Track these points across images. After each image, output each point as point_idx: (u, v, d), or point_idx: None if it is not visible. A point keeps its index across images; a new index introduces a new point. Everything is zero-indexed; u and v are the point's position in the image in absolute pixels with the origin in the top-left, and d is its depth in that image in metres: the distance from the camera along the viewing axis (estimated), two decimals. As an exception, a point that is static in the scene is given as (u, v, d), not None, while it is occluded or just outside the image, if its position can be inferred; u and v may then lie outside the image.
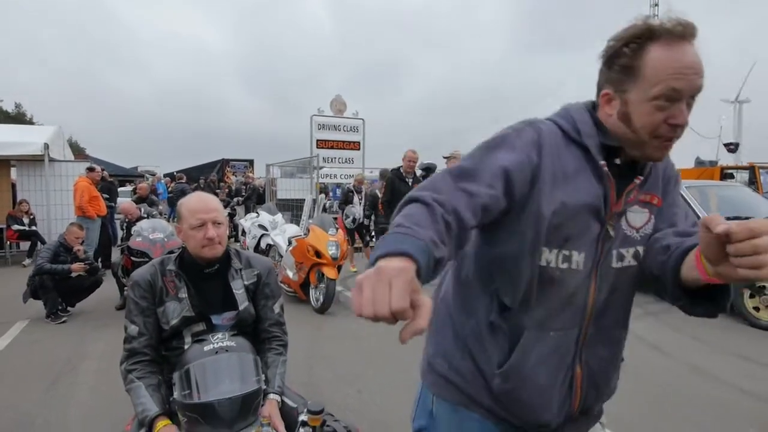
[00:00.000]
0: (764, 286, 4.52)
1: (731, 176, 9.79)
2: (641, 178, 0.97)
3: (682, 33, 0.85)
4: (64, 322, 4.78)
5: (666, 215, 1.02)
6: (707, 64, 0.87)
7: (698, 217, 6.08)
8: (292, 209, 9.09)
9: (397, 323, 0.63)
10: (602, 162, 0.94)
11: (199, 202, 1.60)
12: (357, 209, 7.56)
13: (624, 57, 0.89)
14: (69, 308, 5.07)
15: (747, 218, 4.59)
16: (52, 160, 8.23)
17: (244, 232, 8.17)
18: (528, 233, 0.92)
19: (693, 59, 0.85)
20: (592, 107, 1.00)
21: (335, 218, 7.03)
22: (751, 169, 9.67)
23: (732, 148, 15.04)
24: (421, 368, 1.16)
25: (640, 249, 0.99)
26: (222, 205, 1.76)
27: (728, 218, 0.75)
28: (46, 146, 7.85)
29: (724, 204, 5.57)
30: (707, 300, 0.87)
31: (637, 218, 0.99)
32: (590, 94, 1.03)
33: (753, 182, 9.35)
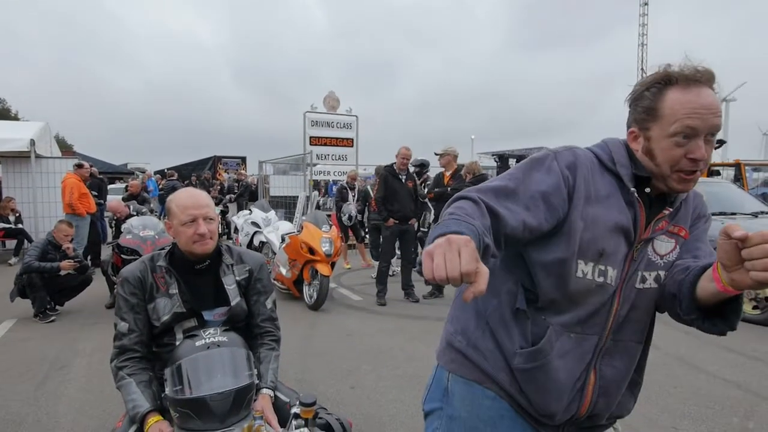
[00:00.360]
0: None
1: (718, 173, 9.93)
2: (670, 209, 1.05)
3: (699, 78, 0.94)
4: (53, 321, 4.72)
5: (690, 248, 1.09)
6: (702, 62, 0.95)
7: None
8: (285, 206, 9.06)
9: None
10: (632, 189, 1.02)
11: (190, 198, 1.59)
12: (353, 207, 7.57)
13: (646, 99, 1.00)
14: (58, 307, 5.01)
15: (732, 214, 4.66)
16: (38, 156, 8.11)
17: (236, 230, 8.13)
18: (561, 246, 1.00)
19: (708, 101, 0.94)
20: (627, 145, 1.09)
21: (329, 215, 7.02)
22: (737, 166, 9.82)
23: (717, 146, 15.27)
24: (438, 350, 1.19)
25: (662, 273, 1.07)
26: (213, 201, 1.75)
27: (714, 214, 0.79)
28: (33, 142, 7.73)
29: (711, 200, 5.64)
30: (718, 316, 0.96)
31: (663, 246, 1.07)
32: (584, 92, 1.07)
33: (738, 179, 9.49)
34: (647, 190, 1.04)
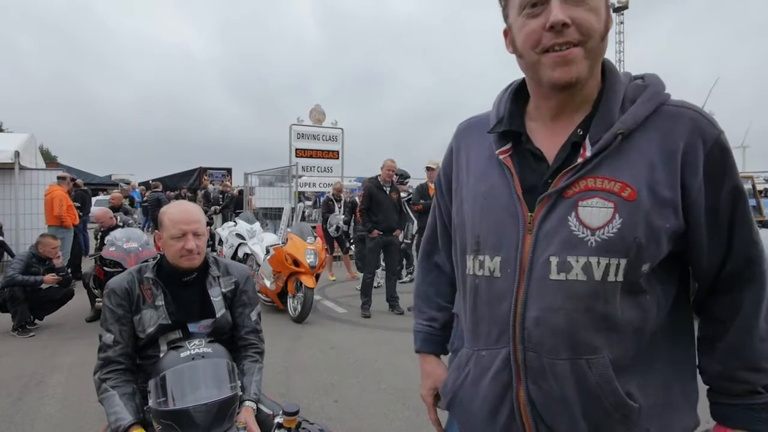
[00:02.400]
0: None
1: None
2: (587, 154, 0.76)
3: None
4: (32, 336, 4.63)
5: (664, 221, 0.73)
6: (682, 82, 0.91)
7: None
8: (271, 218, 9.05)
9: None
10: (498, 150, 0.85)
11: (181, 213, 1.61)
12: (340, 218, 7.60)
13: None
14: (37, 321, 4.91)
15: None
16: (22, 168, 7.99)
17: (221, 242, 8.08)
18: (455, 244, 0.96)
19: None
20: (522, 83, 0.93)
21: (314, 227, 7.03)
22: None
23: None
24: None
25: (596, 261, 0.73)
26: (204, 215, 1.78)
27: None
28: (17, 154, 7.62)
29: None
30: None
31: (594, 215, 0.73)
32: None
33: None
34: (528, 141, 0.84)
